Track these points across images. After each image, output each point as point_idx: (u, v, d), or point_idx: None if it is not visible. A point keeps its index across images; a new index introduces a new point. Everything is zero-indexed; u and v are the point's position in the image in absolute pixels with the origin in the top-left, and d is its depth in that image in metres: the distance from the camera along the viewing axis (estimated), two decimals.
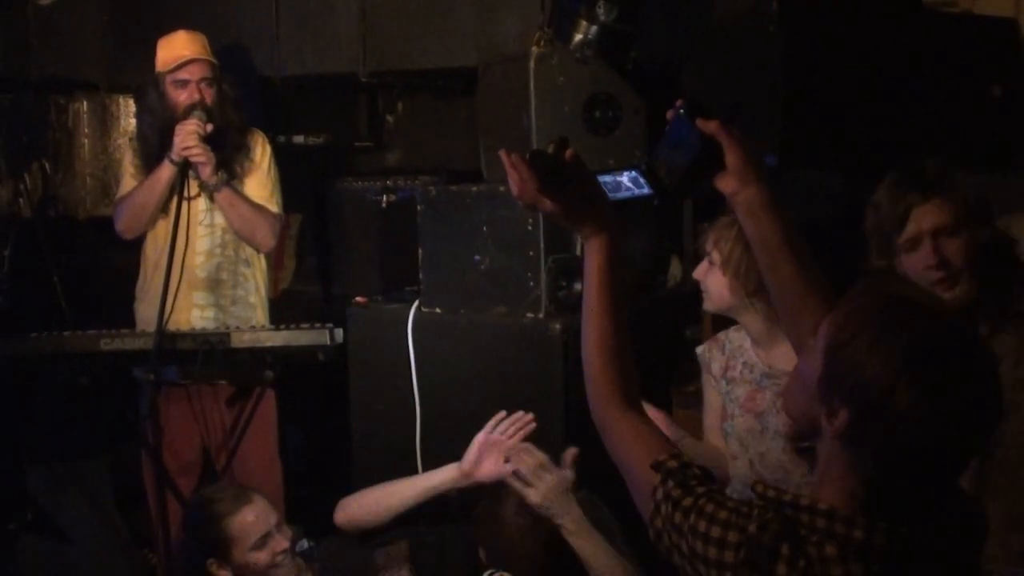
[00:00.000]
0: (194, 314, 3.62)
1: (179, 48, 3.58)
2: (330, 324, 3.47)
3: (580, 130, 3.12)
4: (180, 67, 3.55)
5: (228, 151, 3.61)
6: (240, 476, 3.62)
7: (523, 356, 3.10)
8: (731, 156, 1.74)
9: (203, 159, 3.50)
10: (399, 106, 4.48)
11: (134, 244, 3.72)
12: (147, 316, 3.58)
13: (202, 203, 3.61)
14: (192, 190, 3.55)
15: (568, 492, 2.54)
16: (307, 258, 4.52)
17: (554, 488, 2.54)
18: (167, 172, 3.52)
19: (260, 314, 3.73)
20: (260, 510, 2.84)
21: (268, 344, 3.45)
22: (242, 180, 3.64)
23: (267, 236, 3.65)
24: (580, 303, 1.73)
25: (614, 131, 3.18)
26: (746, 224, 1.77)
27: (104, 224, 3.81)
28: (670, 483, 1.53)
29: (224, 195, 3.57)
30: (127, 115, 4.14)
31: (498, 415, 2.87)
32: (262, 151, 3.70)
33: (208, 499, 2.92)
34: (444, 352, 3.26)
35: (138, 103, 3.83)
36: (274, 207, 3.68)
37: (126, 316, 3.71)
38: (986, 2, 3.39)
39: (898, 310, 1.40)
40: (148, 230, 3.66)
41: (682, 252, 3.41)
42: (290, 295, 4.41)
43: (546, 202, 1.67)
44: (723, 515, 1.45)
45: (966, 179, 2.34)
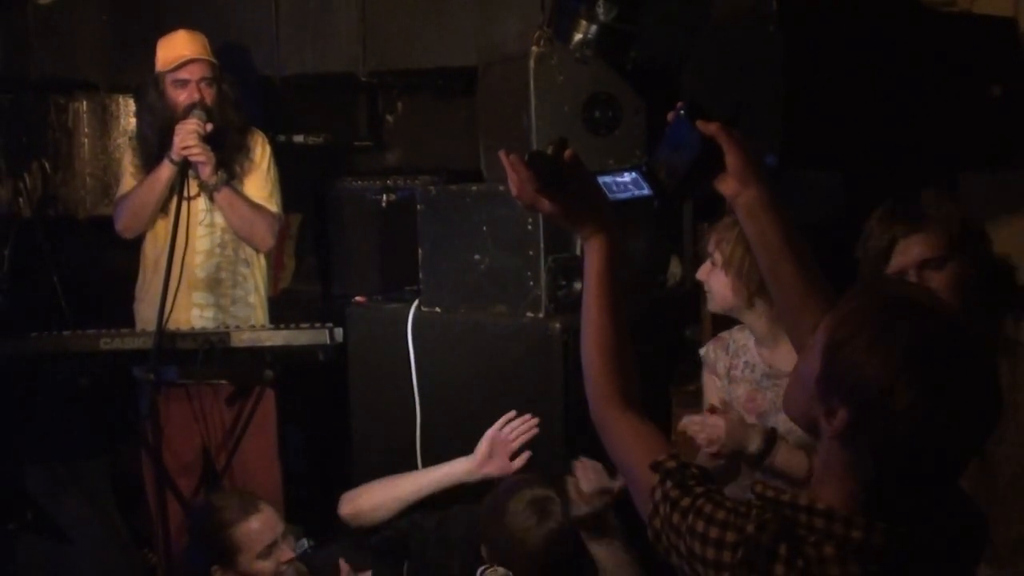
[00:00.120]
0: (194, 314, 3.62)
1: (179, 48, 3.58)
2: (330, 324, 3.47)
3: (580, 130, 3.11)
4: (180, 67, 3.55)
5: (228, 151, 3.61)
6: (240, 476, 3.63)
7: (523, 356, 3.10)
8: (731, 158, 1.74)
9: (203, 159, 3.50)
10: (399, 106, 4.47)
11: (134, 244, 3.72)
12: (147, 316, 3.58)
13: (202, 203, 3.61)
14: (192, 190, 3.56)
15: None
16: (307, 258, 4.52)
17: (600, 507, 2.59)
18: (167, 172, 3.52)
19: (260, 314, 3.73)
20: (267, 519, 2.82)
21: (268, 344, 3.46)
22: (242, 180, 3.64)
23: (266, 236, 3.66)
24: (580, 303, 1.73)
25: (614, 131, 3.17)
26: (746, 226, 1.77)
27: (104, 224, 3.81)
28: (668, 483, 1.53)
29: (224, 195, 3.57)
30: (127, 115, 4.14)
31: (508, 415, 2.90)
32: (262, 151, 3.71)
33: (215, 506, 2.90)
34: (444, 352, 3.25)
35: (138, 103, 3.84)
36: (273, 207, 3.69)
37: (126, 316, 3.71)
38: (986, 2, 3.38)
39: (897, 310, 1.40)
40: (148, 230, 3.66)
41: (682, 252, 3.41)
42: (290, 295, 4.41)
43: (545, 203, 1.68)
44: (721, 515, 1.45)
45: (957, 210, 2.35)
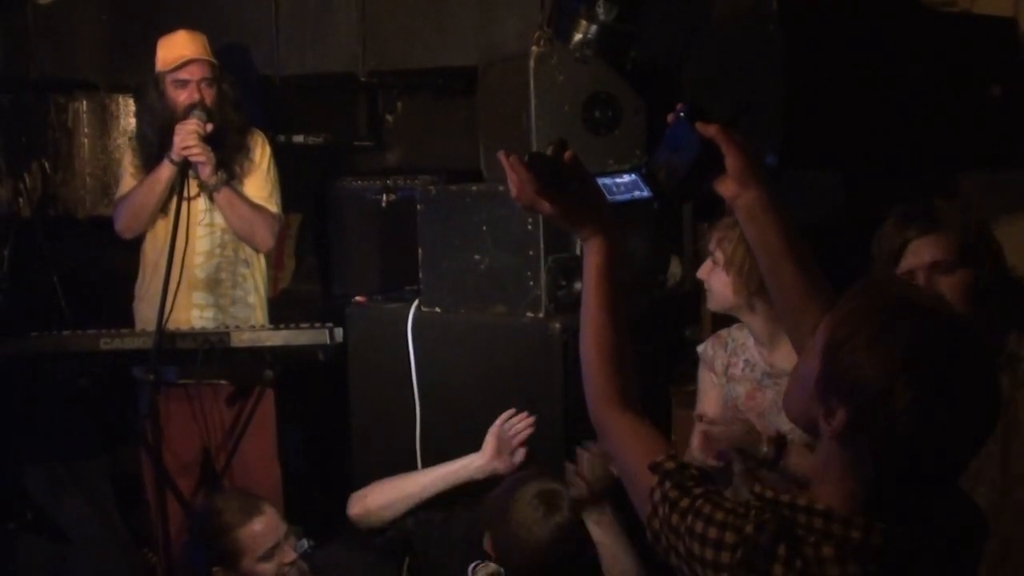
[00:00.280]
0: (193, 314, 3.62)
1: (179, 48, 3.58)
2: (330, 323, 3.47)
3: (580, 130, 3.12)
4: (180, 67, 3.55)
5: (228, 151, 3.61)
6: (239, 476, 3.63)
7: (523, 355, 3.10)
8: (731, 160, 1.73)
9: (203, 159, 3.50)
10: (399, 106, 4.47)
11: (134, 244, 3.72)
12: (147, 316, 3.58)
13: (202, 203, 3.61)
14: (192, 190, 3.55)
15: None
16: (307, 258, 4.52)
17: (598, 491, 2.60)
18: (167, 172, 3.52)
19: (259, 314, 3.73)
20: (269, 521, 2.79)
21: (268, 344, 3.46)
22: (241, 180, 3.64)
23: (266, 236, 3.65)
24: (580, 303, 1.73)
25: (614, 131, 3.18)
26: (746, 227, 1.76)
27: (104, 224, 3.80)
28: (667, 484, 1.52)
29: (223, 195, 3.57)
30: (127, 115, 4.13)
31: (507, 412, 2.91)
32: (262, 151, 3.70)
33: (216, 509, 2.87)
34: (444, 351, 3.25)
35: (138, 103, 3.84)
36: (273, 207, 3.68)
37: (126, 316, 3.71)
38: (985, 2, 3.38)
39: (897, 310, 1.40)
40: (147, 230, 3.66)
41: (682, 252, 3.41)
42: (290, 295, 4.41)
43: (544, 204, 1.68)
44: (720, 516, 1.45)
45: (971, 218, 2.34)
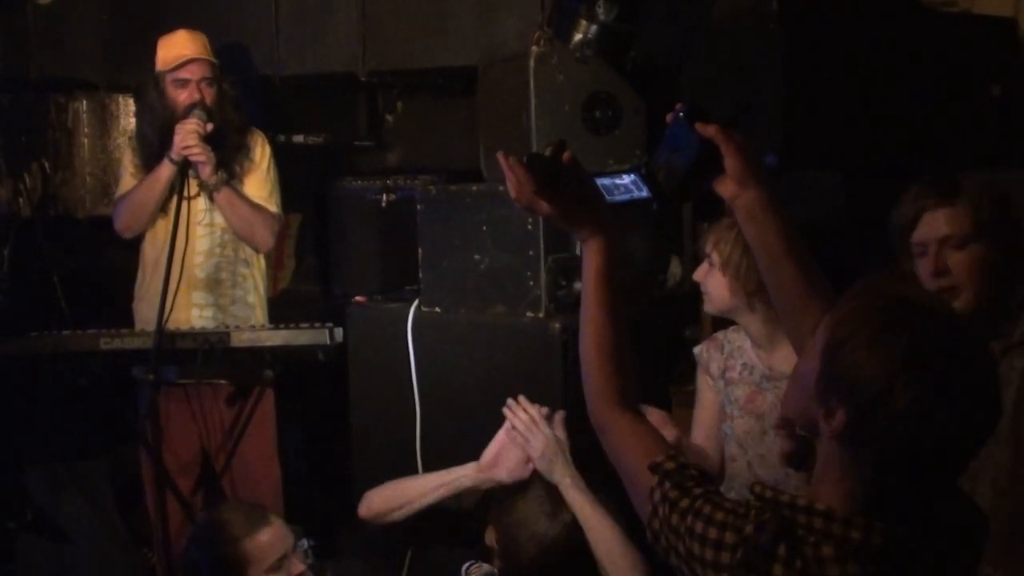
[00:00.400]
0: (193, 314, 3.62)
1: (179, 47, 3.58)
2: (330, 323, 3.47)
3: (580, 130, 3.11)
4: (180, 66, 3.55)
5: (228, 151, 3.61)
6: (239, 476, 3.63)
7: (523, 355, 3.10)
8: (730, 160, 1.72)
9: (203, 158, 3.50)
10: (399, 105, 4.47)
11: (133, 244, 3.72)
12: (146, 316, 3.58)
13: (201, 203, 3.61)
14: (192, 190, 3.55)
15: (565, 453, 2.58)
16: (307, 257, 4.52)
17: (550, 445, 2.58)
18: (167, 171, 3.52)
19: (259, 314, 3.73)
20: (276, 532, 2.72)
21: (268, 343, 3.46)
22: (241, 180, 3.64)
23: (266, 236, 3.65)
24: (580, 303, 1.73)
25: (614, 131, 3.17)
26: (746, 228, 1.76)
27: (104, 223, 3.80)
28: (667, 484, 1.53)
29: (223, 195, 3.57)
30: (127, 114, 4.13)
31: (507, 404, 2.85)
32: (261, 151, 3.71)
33: (221, 519, 2.80)
34: (444, 351, 3.25)
35: (138, 102, 3.85)
36: (273, 207, 3.68)
37: (125, 315, 3.71)
38: (985, 1, 3.38)
39: (897, 310, 1.40)
40: (147, 229, 3.66)
41: (681, 252, 3.41)
42: (290, 294, 4.41)
43: (543, 204, 1.68)
44: (720, 516, 1.45)
45: (995, 193, 2.29)
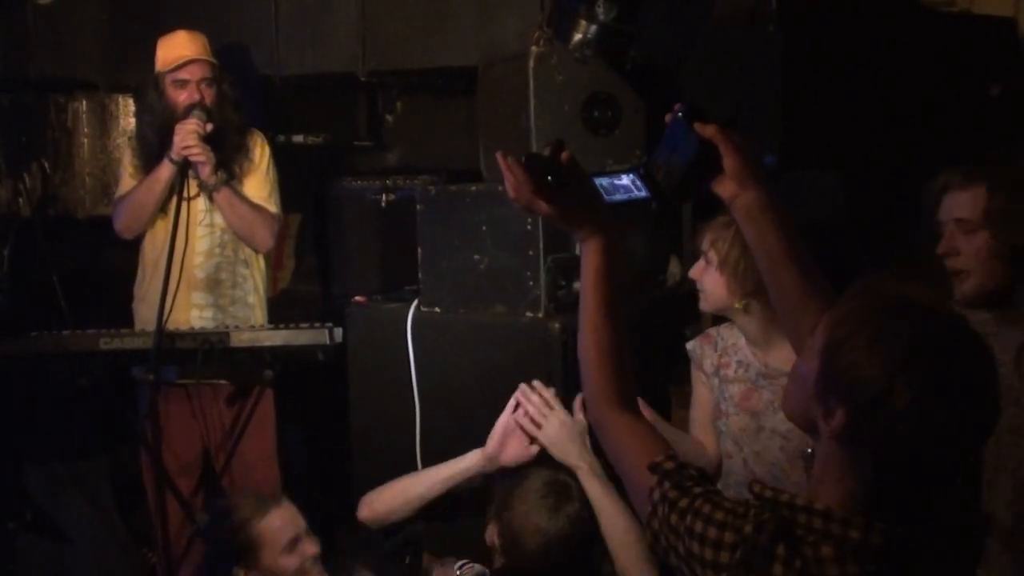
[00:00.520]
0: (193, 314, 3.62)
1: (179, 48, 3.58)
2: (329, 323, 3.47)
3: (579, 129, 3.11)
4: (180, 67, 3.55)
5: (227, 151, 3.61)
6: (239, 475, 3.63)
7: (522, 355, 3.09)
8: (729, 160, 1.72)
9: (203, 159, 3.50)
10: (398, 106, 4.47)
11: (133, 244, 3.72)
12: (146, 316, 3.58)
13: (201, 203, 3.61)
14: (191, 190, 3.55)
15: (583, 438, 2.52)
16: (306, 258, 4.52)
17: (563, 427, 2.54)
18: (166, 171, 3.52)
19: (259, 314, 3.73)
20: (286, 513, 2.72)
21: (267, 343, 3.45)
22: (241, 180, 3.64)
23: (266, 236, 3.65)
24: (579, 303, 1.73)
25: (613, 131, 3.17)
26: (745, 228, 1.76)
27: (103, 224, 3.80)
28: (666, 484, 1.52)
29: (223, 195, 3.57)
30: (126, 115, 4.13)
31: (518, 391, 2.78)
32: (261, 151, 3.70)
33: (231, 506, 2.80)
34: (443, 351, 3.25)
35: (138, 103, 3.84)
36: (273, 207, 3.68)
37: (125, 316, 3.71)
38: (985, 2, 3.38)
39: (896, 310, 1.40)
40: (147, 230, 3.66)
41: (681, 251, 3.40)
42: (289, 294, 4.41)
43: (541, 204, 1.68)
44: (719, 516, 1.45)
45: (1013, 183, 2.26)
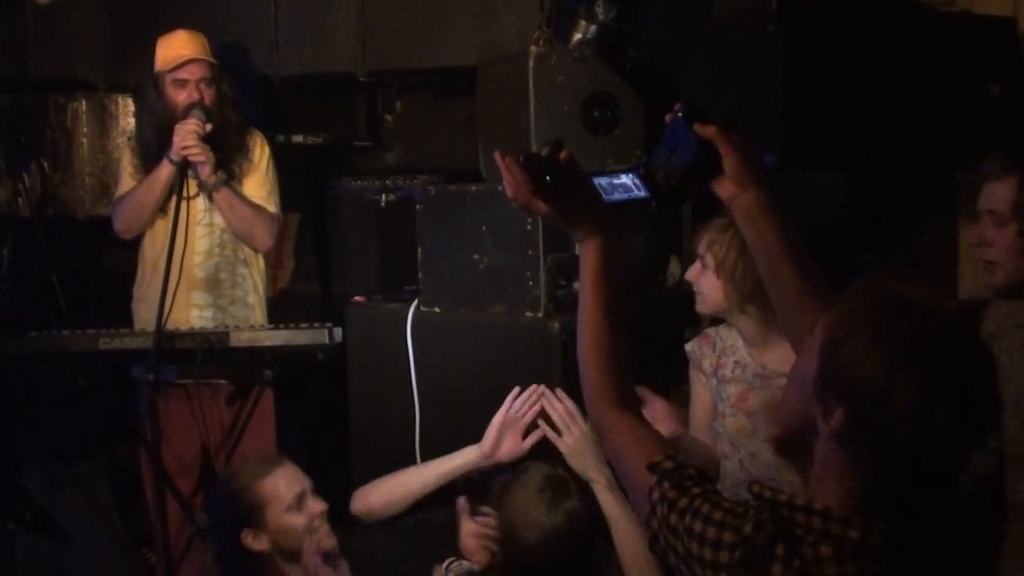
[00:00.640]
0: (193, 314, 3.62)
1: (179, 48, 3.58)
2: (329, 323, 3.47)
3: (579, 129, 3.11)
4: (180, 67, 3.55)
5: (227, 151, 3.61)
6: None
7: (522, 355, 3.10)
8: (729, 161, 1.72)
9: (202, 159, 3.50)
10: (398, 105, 4.47)
11: (133, 244, 3.72)
12: (146, 316, 3.58)
13: (201, 203, 3.61)
14: (191, 190, 3.55)
15: (598, 451, 2.51)
16: (306, 257, 4.52)
17: (584, 439, 2.54)
18: (166, 171, 3.52)
19: (258, 314, 3.73)
20: (290, 472, 2.69)
21: (267, 343, 3.46)
22: (240, 180, 3.64)
23: (265, 236, 3.65)
24: (578, 303, 1.73)
25: (613, 130, 3.17)
26: (744, 229, 1.76)
27: (103, 224, 3.80)
28: (666, 484, 1.52)
29: (222, 195, 3.57)
30: (126, 114, 4.13)
31: (512, 392, 2.84)
32: (260, 151, 3.70)
33: (232, 473, 2.77)
34: (443, 351, 3.25)
35: (137, 102, 3.85)
36: (272, 207, 3.68)
37: (125, 316, 3.71)
38: (985, 1, 3.38)
39: (896, 309, 1.40)
40: (147, 230, 3.66)
41: (680, 252, 3.40)
42: (289, 294, 4.41)
43: (540, 204, 1.67)
44: (719, 516, 1.45)
45: None
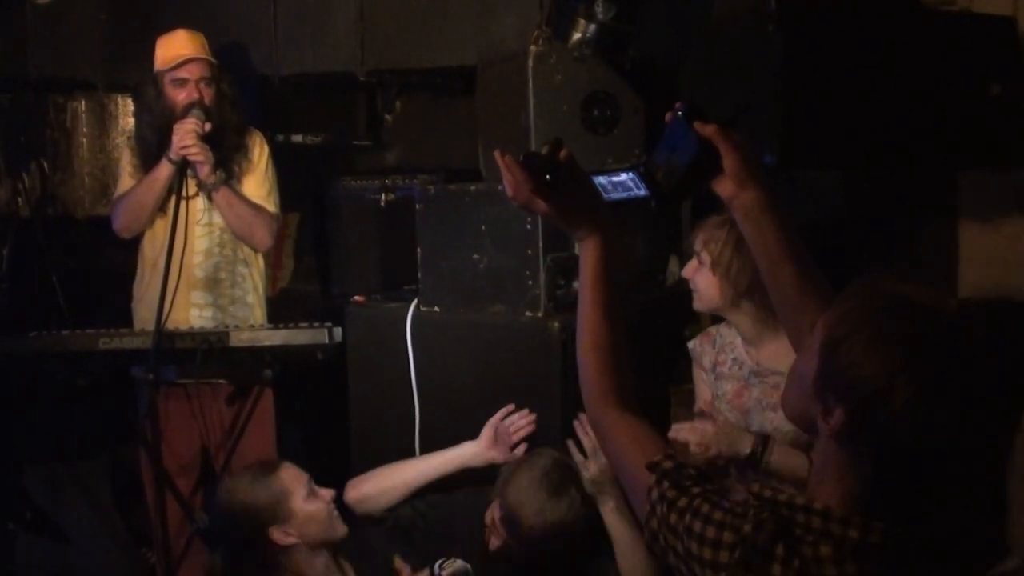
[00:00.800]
0: (192, 313, 3.62)
1: (178, 47, 3.57)
2: (329, 323, 3.46)
3: (578, 129, 3.11)
4: (179, 66, 3.55)
5: (226, 150, 3.61)
6: None
7: (522, 355, 3.10)
8: (728, 160, 1.72)
9: (201, 158, 3.49)
10: (397, 105, 4.47)
11: (132, 243, 3.72)
12: (145, 315, 3.57)
13: (200, 202, 3.61)
14: (190, 189, 3.55)
15: (614, 480, 2.54)
16: (306, 257, 4.52)
17: (609, 472, 2.55)
18: (165, 171, 3.52)
19: (258, 313, 3.73)
20: (292, 467, 2.75)
21: (267, 343, 3.45)
22: (240, 180, 3.64)
23: (265, 236, 3.65)
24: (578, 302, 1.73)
25: (612, 130, 3.17)
26: (744, 228, 1.76)
27: (102, 223, 3.80)
28: (665, 484, 1.52)
29: (222, 194, 3.56)
30: (125, 114, 4.14)
31: (507, 407, 2.94)
32: (260, 151, 3.70)
33: (231, 485, 2.76)
34: (443, 351, 3.25)
35: (136, 102, 3.84)
36: (272, 207, 3.68)
37: (124, 315, 3.71)
38: (985, 1, 3.38)
39: (896, 309, 1.40)
40: (146, 229, 3.66)
41: (680, 251, 3.41)
42: (289, 294, 4.41)
43: (540, 203, 1.67)
44: (718, 516, 1.45)
45: None
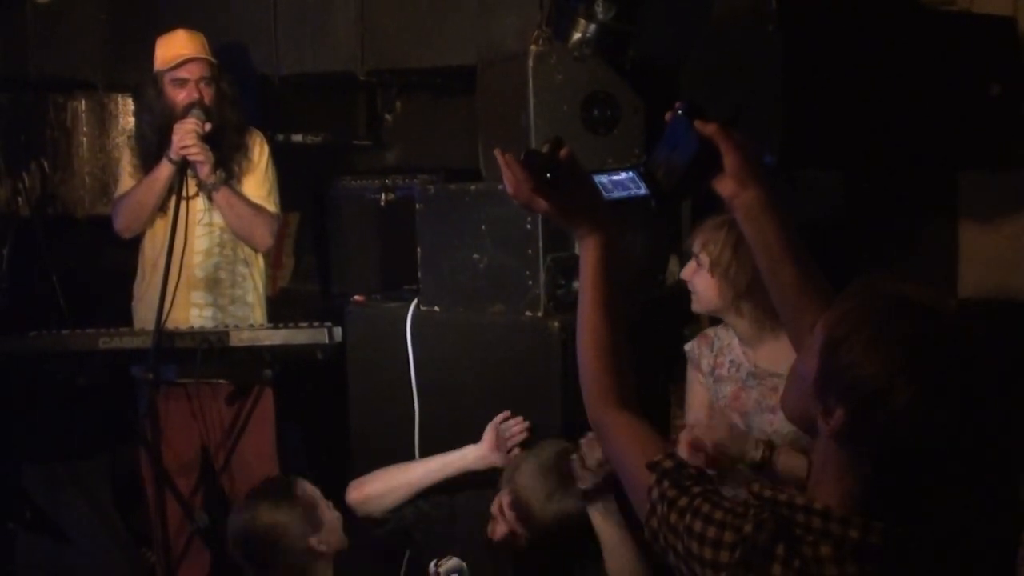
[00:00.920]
0: (192, 313, 3.62)
1: (178, 47, 3.58)
2: (329, 323, 3.47)
3: (578, 129, 3.11)
4: (179, 66, 3.55)
5: (226, 150, 3.61)
6: (238, 475, 3.63)
7: (522, 354, 3.10)
8: (729, 159, 1.72)
9: (201, 158, 3.49)
10: (398, 105, 4.47)
11: (132, 243, 3.72)
12: (145, 315, 3.58)
13: (200, 202, 3.61)
14: (190, 189, 3.55)
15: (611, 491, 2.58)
16: (306, 257, 4.52)
17: (604, 488, 2.56)
18: (165, 171, 3.52)
19: (258, 313, 3.73)
20: (304, 480, 2.80)
21: (267, 343, 3.46)
22: (240, 179, 3.64)
23: (265, 235, 3.65)
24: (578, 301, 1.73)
25: (612, 130, 3.17)
26: (745, 227, 1.76)
27: (103, 223, 3.81)
28: (665, 483, 1.52)
29: (222, 194, 3.57)
30: (125, 114, 4.14)
31: (504, 413, 2.96)
32: (260, 150, 3.70)
33: (253, 509, 2.71)
34: (443, 351, 3.25)
35: (136, 102, 3.85)
36: (272, 206, 3.68)
37: (124, 315, 3.71)
38: (985, 1, 3.37)
39: (896, 309, 1.40)
40: (146, 229, 3.66)
41: (680, 251, 3.41)
42: (289, 294, 4.41)
43: (540, 202, 1.67)
44: (719, 515, 1.45)
45: None
